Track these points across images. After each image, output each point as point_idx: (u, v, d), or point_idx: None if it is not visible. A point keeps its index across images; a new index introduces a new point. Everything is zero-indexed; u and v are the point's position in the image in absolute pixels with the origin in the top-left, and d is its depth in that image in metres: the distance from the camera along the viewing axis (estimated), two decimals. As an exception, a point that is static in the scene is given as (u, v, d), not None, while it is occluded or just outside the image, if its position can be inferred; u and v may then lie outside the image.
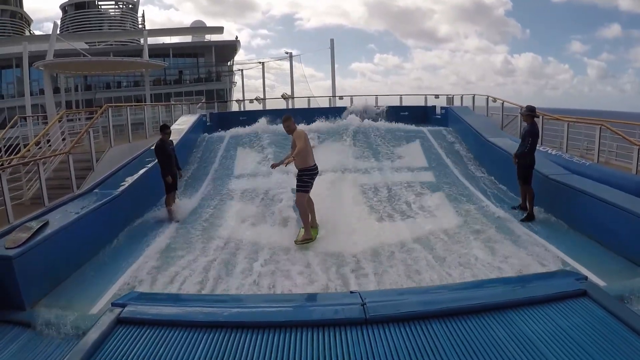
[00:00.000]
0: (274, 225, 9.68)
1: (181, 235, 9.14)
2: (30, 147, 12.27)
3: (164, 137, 10.08)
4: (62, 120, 14.03)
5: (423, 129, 17.16)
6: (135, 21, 55.76)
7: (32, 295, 6.25)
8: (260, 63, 44.42)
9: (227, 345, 3.38)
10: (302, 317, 3.77)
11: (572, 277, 4.57)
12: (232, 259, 7.88)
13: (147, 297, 5.05)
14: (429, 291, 5.38)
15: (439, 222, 9.42)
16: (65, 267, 7.09)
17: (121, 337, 3.53)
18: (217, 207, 10.98)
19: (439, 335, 3.48)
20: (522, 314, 3.80)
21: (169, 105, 22.90)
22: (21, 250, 6.13)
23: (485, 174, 12.94)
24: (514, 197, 10.70)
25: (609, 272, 6.72)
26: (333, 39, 39.41)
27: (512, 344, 3.40)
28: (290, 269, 7.39)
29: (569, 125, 13.13)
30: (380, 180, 12.49)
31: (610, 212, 7.63)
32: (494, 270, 7.07)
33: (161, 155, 9.91)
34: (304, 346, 3.36)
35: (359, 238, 8.50)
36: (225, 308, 4.11)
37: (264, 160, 14.32)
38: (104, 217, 8.49)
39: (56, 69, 27.42)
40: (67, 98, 35.79)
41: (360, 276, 7.06)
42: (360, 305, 3.81)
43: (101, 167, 12.42)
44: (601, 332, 3.54)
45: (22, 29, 53.48)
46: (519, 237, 8.41)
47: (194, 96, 42.04)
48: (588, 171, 10.54)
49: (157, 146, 9.98)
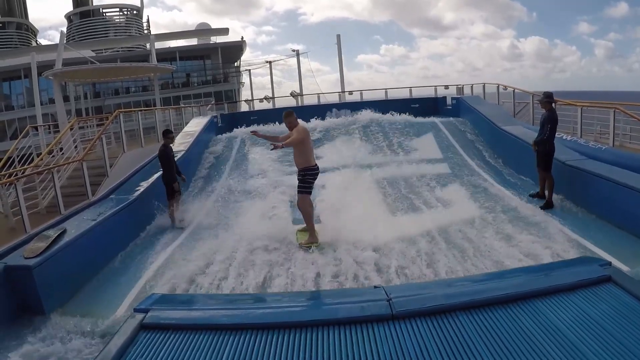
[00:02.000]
0: (289, 223, 9.64)
1: (196, 237, 9.14)
2: (43, 156, 12.31)
3: (167, 142, 10.08)
4: (73, 128, 14.08)
5: (435, 120, 17.12)
6: (140, 26, 56.06)
7: (52, 303, 6.29)
8: (268, 62, 44.41)
9: (253, 347, 3.34)
10: (328, 315, 3.72)
11: (596, 263, 4.50)
12: (249, 258, 7.85)
13: (168, 299, 5.03)
14: (454, 283, 5.33)
15: (458, 213, 9.36)
16: (83, 274, 7.13)
17: (145, 343, 3.50)
18: (230, 207, 11.00)
19: (467, 327, 3.43)
20: (548, 302, 3.74)
21: (179, 109, 22.94)
22: (40, 260, 6.17)
23: (501, 162, 12.86)
24: (530, 185, 10.62)
25: (632, 256, 6.68)
26: (339, 35, 39.27)
27: (541, 332, 3.34)
28: (309, 267, 7.35)
29: (582, 109, 13.00)
30: (397, 173, 12.49)
31: (629, 196, 7.55)
32: (516, 259, 7.01)
33: (165, 160, 9.91)
34: (332, 345, 3.32)
35: (379, 232, 8.40)
36: (249, 309, 4.08)
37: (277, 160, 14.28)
38: (120, 223, 8.52)
39: (65, 77, 27.48)
40: (76, 106, 35.98)
41: (383, 270, 7.04)
42: (386, 301, 3.77)
43: (115, 172, 12.44)
44: (629, 318, 3.46)
45: (29, 40, 53.94)
46: (538, 225, 8.33)
47: (203, 98, 42.19)
48: (604, 155, 10.40)
49: (160, 151, 9.97)
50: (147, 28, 56.93)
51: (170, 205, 9.96)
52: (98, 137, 12.45)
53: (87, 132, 16.49)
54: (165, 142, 10.02)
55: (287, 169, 13.14)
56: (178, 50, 46.60)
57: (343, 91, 29.24)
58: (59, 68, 24.32)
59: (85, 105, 37.88)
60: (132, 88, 44.64)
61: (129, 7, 55.22)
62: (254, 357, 3.25)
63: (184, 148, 13.36)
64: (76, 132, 14.08)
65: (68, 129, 13.84)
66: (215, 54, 46.86)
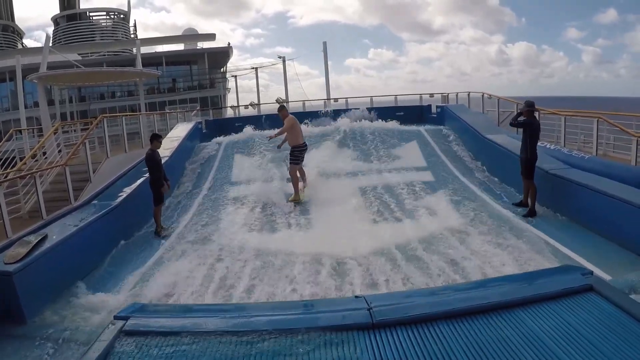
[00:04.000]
0: (274, 230, 9.67)
1: (181, 244, 9.09)
2: (26, 160, 12.20)
3: (155, 147, 9.97)
4: (57, 132, 13.98)
5: (420, 129, 17.13)
6: (127, 31, 55.65)
7: (33, 309, 6.21)
8: (254, 69, 44.43)
9: (232, 355, 3.33)
10: (309, 324, 3.71)
11: (578, 272, 4.53)
12: (233, 266, 7.84)
13: (149, 308, 5.00)
14: (435, 292, 5.33)
15: (441, 222, 9.40)
16: (65, 280, 7.04)
17: (125, 350, 3.48)
18: (216, 214, 10.95)
19: (447, 336, 3.43)
20: (530, 311, 3.76)
21: (164, 114, 22.84)
22: (21, 265, 6.10)
23: (485, 171, 12.91)
24: (514, 194, 10.69)
25: (614, 265, 6.72)
26: (325, 42, 39.41)
27: (521, 342, 3.36)
28: (291, 275, 7.36)
29: (566, 118, 13.09)
30: (380, 181, 12.46)
31: (612, 205, 7.62)
32: (498, 268, 7.06)
33: (152, 164, 9.81)
34: (312, 353, 3.31)
35: (361, 241, 8.46)
36: (229, 317, 4.06)
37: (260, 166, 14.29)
38: (103, 229, 8.43)
39: (50, 81, 27.36)
40: (61, 110, 35.70)
41: (364, 279, 7.04)
42: (367, 310, 3.77)
43: (98, 178, 12.35)
44: (610, 327, 3.50)
45: (15, 42, 53.38)
46: (521, 234, 8.39)
47: (189, 104, 42.01)
48: (588, 164, 10.50)
49: (148, 155, 9.85)
50: (133, 32, 56.65)
51: (156, 210, 9.88)
52: (81, 142, 12.35)
53: (72, 137, 16.36)
54: (153, 146, 9.91)
55: (270, 174, 13.44)
56: (164, 55, 46.36)
57: (329, 98, 29.34)
58: (44, 71, 24.21)
59: (70, 109, 37.58)
60: (118, 93, 44.35)
61: (116, 11, 54.80)
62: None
63: (168, 154, 13.28)
64: (60, 136, 13.99)
65: (52, 133, 13.74)
66: (201, 60, 46.71)
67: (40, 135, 19.55)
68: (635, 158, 10.43)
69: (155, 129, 18.43)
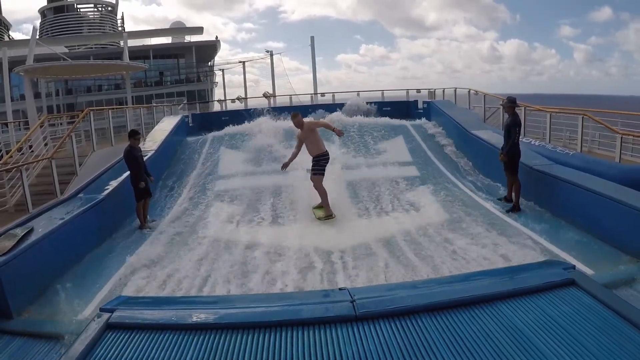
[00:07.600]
0: (261, 224, 9.70)
1: (168, 238, 9.10)
2: (12, 153, 12.13)
3: (133, 143, 9.92)
4: (43, 125, 13.86)
5: (406, 123, 17.22)
6: (115, 24, 55.14)
7: (19, 303, 6.17)
8: (241, 62, 44.32)
9: (217, 347, 3.35)
10: (292, 316, 3.75)
11: (560, 267, 4.59)
12: (219, 259, 7.88)
13: (135, 301, 5.02)
14: (418, 285, 5.37)
15: (425, 216, 9.47)
16: (51, 274, 7.00)
17: (111, 342, 3.49)
18: (202, 208, 10.97)
19: (430, 329, 3.48)
20: (512, 305, 3.81)
21: (151, 108, 22.73)
22: (6, 259, 6.06)
23: (469, 166, 12.99)
24: (498, 189, 10.77)
25: (596, 260, 6.78)
26: (313, 37, 39.57)
27: (503, 334, 3.40)
28: (277, 268, 7.39)
29: (551, 115, 13.19)
30: (365, 175, 12.53)
31: (594, 201, 7.68)
32: (481, 262, 7.11)
33: (130, 161, 9.78)
34: (295, 345, 3.35)
35: (345, 235, 8.54)
36: (214, 310, 4.08)
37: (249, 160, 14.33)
38: (89, 222, 8.40)
39: (36, 73, 27.14)
40: (48, 103, 35.49)
41: (348, 272, 7.08)
42: (350, 302, 3.81)
43: (84, 171, 12.27)
44: (590, 320, 3.56)
45: (1, 35, 52.78)
46: (505, 229, 8.45)
47: (176, 97, 41.85)
48: (572, 161, 10.61)
49: (126, 152, 9.81)
50: (121, 25, 56.21)
51: (138, 206, 9.83)
52: (68, 135, 12.27)
53: (58, 130, 16.22)
54: (132, 143, 9.87)
55: (256, 169, 13.69)
56: (152, 48, 46.12)
57: (316, 93, 29.37)
58: (30, 64, 23.98)
59: (57, 102, 37.38)
60: (105, 86, 44.02)
61: (103, 4, 54.29)
62: (219, 356, 3.27)
63: (153, 147, 13.24)
64: (46, 129, 13.86)
65: (38, 126, 13.63)
66: (189, 53, 46.54)
67: (27, 128, 19.40)
68: (620, 155, 10.56)
69: (142, 122, 18.32)
